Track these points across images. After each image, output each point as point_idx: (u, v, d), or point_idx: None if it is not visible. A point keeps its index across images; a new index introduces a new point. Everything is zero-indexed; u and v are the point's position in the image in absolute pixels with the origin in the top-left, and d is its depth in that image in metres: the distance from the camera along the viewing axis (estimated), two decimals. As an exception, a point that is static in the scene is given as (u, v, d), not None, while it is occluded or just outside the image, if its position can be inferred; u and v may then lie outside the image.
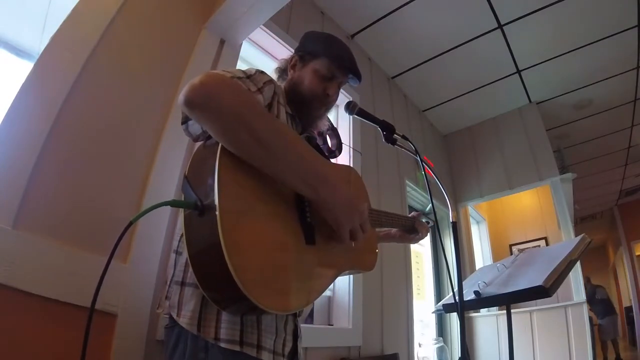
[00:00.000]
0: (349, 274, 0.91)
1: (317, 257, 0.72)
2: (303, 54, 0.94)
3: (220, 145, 0.61)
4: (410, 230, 1.19)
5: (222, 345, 0.61)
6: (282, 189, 0.69)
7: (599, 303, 5.88)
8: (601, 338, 5.68)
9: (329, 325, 1.84)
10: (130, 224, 0.51)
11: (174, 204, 0.59)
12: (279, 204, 0.68)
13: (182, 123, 0.73)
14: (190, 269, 0.60)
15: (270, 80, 0.79)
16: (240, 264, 0.53)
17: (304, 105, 0.90)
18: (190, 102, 0.59)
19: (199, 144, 0.73)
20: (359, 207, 0.73)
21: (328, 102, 0.92)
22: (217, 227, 0.53)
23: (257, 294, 0.54)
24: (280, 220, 0.67)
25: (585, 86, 3.31)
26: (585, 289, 6.05)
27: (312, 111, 0.92)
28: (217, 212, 0.54)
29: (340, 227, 0.70)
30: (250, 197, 0.63)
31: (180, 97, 0.60)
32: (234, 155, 0.61)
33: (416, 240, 1.21)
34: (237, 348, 0.62)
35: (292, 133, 0.73)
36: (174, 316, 0.65)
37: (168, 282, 0.72)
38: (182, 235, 0.71)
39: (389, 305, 2.20)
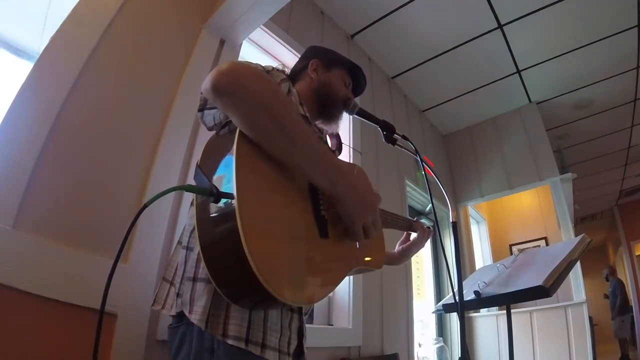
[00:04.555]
0: (359, 271, 0.90)
1: (330, 251, 0.71)
2: (324, 61, 1.00)
3: (237, 132, 0.60)
4: (410, 230, 1.19)
5: (229, 342, 0.60)
6: (296, 180, 0.68)
7: (626, 298, 5.51)
8: (618, 335, 5.30)
9: (329, 325, 1.84)
10: (145, 206, 0.50)
11: (189, 189, 0.58)
12: (294, 195, 0.67)
13: (199, 111, 0.74)
14: (202, 264, 0.59)
15: (286, 79, 0.81)
16: (258, 253, 0.51)
17: (329, 105, 0.95)
18: (217, 88, 0.59)
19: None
20: (373, 203, 0.73)
21: (347, 105, 0.99)
22: (235, 214, 0.51)
23: (275, 285, 0.52)
24: (295, 211, 0.66)
25: (585, 86, 3.31)
26: (607, 280, 5.82)
27: (335, 111, 0.97)
28: (234, 199, 0.53)
29: (354, 223, 0.70)
30: (267, 185, 0.62)
31: (207, 82, 0.60)
32: (251, 143, 0.61)
33: (416, 247, 1.17)
34: (242, 345, 0.61)
35: (310, 127, 0.76)
36: (186, 313, 0.64)
37: (180, 279, 0.70)
38: (192, 231, 0.70)
39: (389, 305, 2.20)
